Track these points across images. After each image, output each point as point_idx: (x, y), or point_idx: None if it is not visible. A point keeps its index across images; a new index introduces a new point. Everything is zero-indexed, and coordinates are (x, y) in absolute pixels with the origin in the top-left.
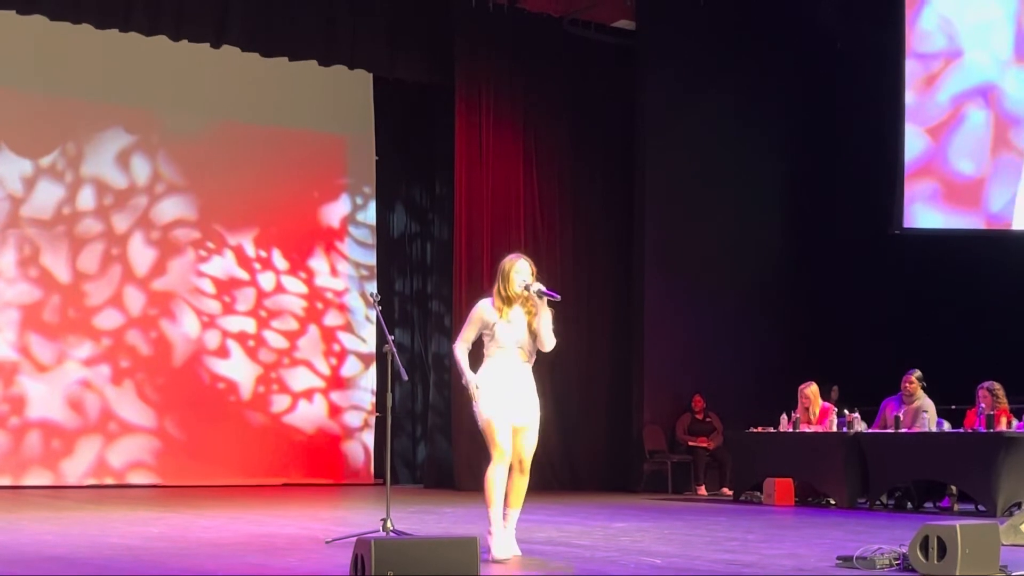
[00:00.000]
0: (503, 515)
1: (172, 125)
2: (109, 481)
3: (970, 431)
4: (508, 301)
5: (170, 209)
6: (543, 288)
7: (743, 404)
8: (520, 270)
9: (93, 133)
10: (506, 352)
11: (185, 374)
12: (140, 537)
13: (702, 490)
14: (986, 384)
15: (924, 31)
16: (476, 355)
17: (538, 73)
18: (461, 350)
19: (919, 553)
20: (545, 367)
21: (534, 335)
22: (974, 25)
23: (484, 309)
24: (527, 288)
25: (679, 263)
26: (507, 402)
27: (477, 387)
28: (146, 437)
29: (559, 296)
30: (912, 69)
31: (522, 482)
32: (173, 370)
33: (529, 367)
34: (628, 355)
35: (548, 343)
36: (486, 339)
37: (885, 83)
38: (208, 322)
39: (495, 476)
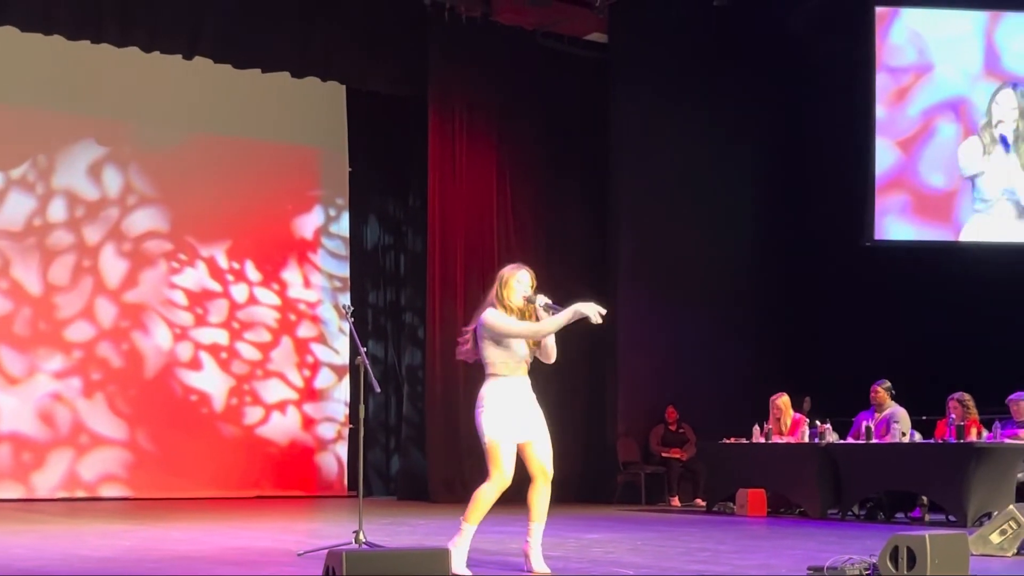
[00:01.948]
0: (527, 529)
1: (144, 137)
2: (81, 494)
3: (940, 442)
4: (510, 311)
5: (142, 221)
6: (549, 302)
7: (716, 415)
8: (521, 280)
9: (65, 145)
10: (513, 367)
11: (157, 386)
12: (112, 550)
13: (675, 501)
14: (956, 395)
15: (895, 45)
16: (478, 370)
17: (511, 86)
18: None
19: (889, 563)
20: None
21: (535, 346)
22: (944, 39)
23: (503, 315)
24: (529, 301)
25: (652, 275)
26: (515, 423)
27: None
28: (118, 450)
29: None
30: (883, 83)
31: (545, 491)
32: (145, 382)
33: (529, 380)
34: (602, 367)
35: (553, 356)
36: (497, 351)
37: (856, 97)
38: (180, 334)
39: (488, 496)
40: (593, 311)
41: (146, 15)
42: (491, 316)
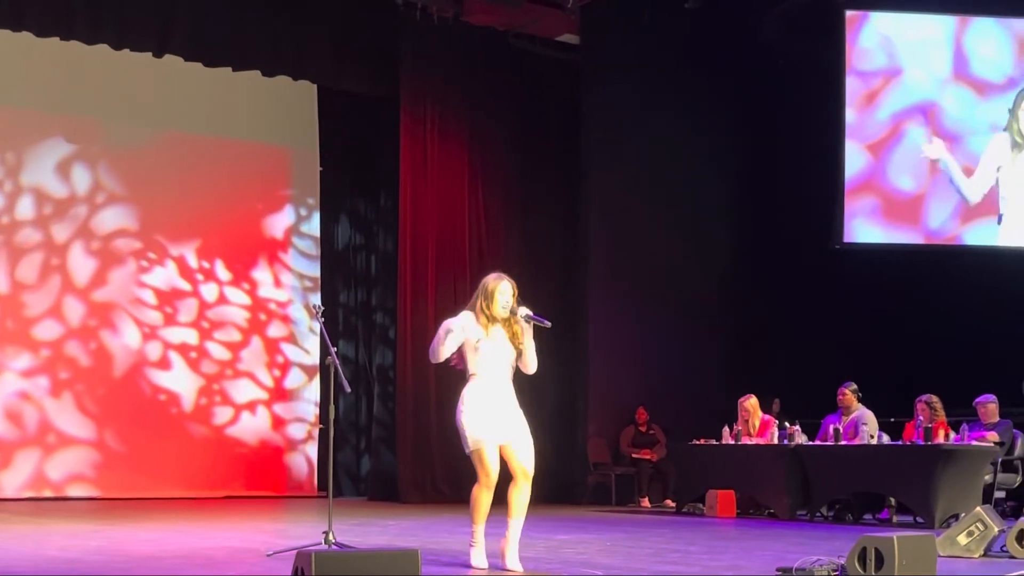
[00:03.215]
0: (506, 525)
1: (114, 135)
2: (48, 494)
3: (908, 443)
4: (492, 320)
5: (111, 219)
6: (531, 313)
7: (686, 417)
8: (504, 291)
9: (33, 142)
10: (491, 372)
11: (126, 385)
12: (79, 550)
13: (645, 502)
14: (924, 397)
15: (864, 49)
16: (449, 371)
17: (483, 86)
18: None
19: (857, 564)
20: None
21: (517, 354)
22: (913, 43)
23: (470, 321)
24: (512, 313)
25: (624, 276)
26: (495, 424)
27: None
28: (86, 449)
29: (549, 323)
30: (853, 86)
31: (525, 489)
32: (113, 381)
33: (511, 385)
34: (573, 368)
35: (533, 366)
36: (470, 355)
37: (826, 100)
38: (149, 333)
39: (481, 497)
40: (456, 324)
41: (116, 13)
42: (454, 319)
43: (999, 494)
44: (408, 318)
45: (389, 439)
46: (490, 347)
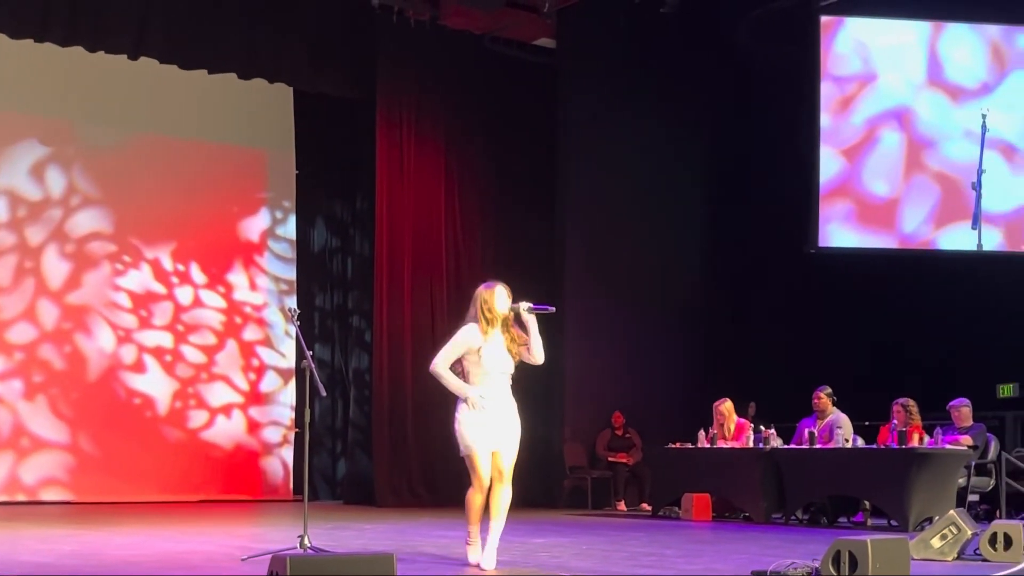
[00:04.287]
0: (487, 527)
1: (89, 137)
2: (21, 498)
3: (883, 447)
4: (492, 323)
5: (85, 222)
6: (532, 305)
7: (662, 420)
8: (500, 293)
9: (7, 145)
10: (490, 377)
11: (100, 389)
12: (53, 555)
13: (622, 505)
14: (900, 400)
15: (839, 54)
16: (425, 374)
17: (460, 90)
18: (444, 367)
19: (831, 567)
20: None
21: (514, 357)
22: (888, 49)
23: (471, 333)
24: (513, 309)
25: (600, 279)
26: (489, 431)
27: (482, 396)
28: (59, 453)
29: (552, 308)
30: (828, 91)
31: (503, 492)
32: (88, 385)
33: (510, 391)
34: (549, 371)
35: (541, 356)
36: (469, 365)
37: (802, 105)
38: (124, 336)
39: (474, 499)
40: (473, 398)
41: (91, 15)
42: (458, 333)
43: (973, 497)
44: (384, 321)
45: (365, 443)
46: (491, 352)
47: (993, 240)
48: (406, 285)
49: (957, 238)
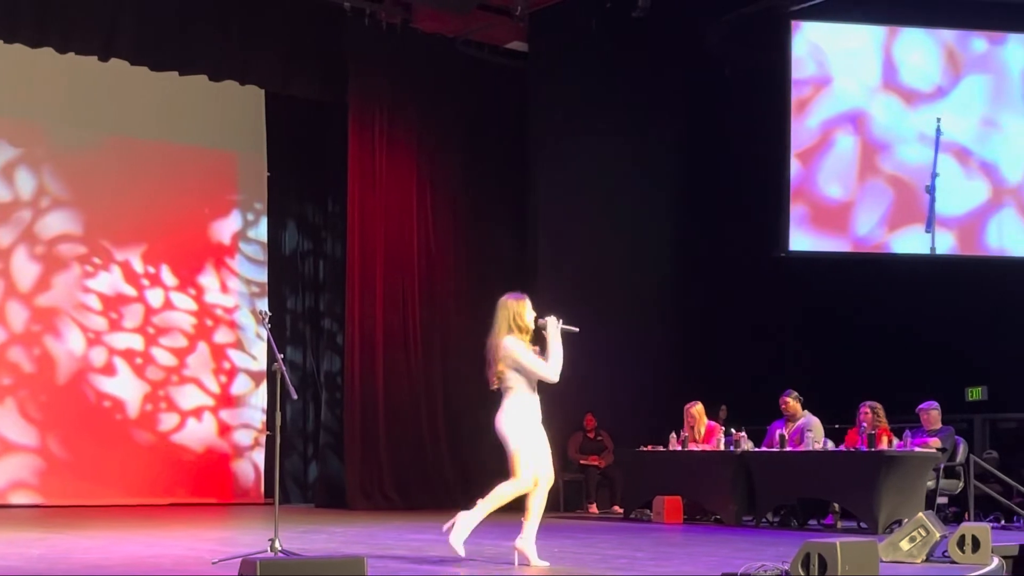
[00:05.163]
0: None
1: (58, 139)
2: None
3: (852, 450)
4: (524, 331)
5: (55, 224)
6: (561, 322)
7: (634, 423)
8: (529, 306)
9: None
10: (531, 387)
11: (70, 392)
12: (21, 559)
13: (593, 508)
14: (868, 403)
15: (796, 57)
16: (397, 378)
17: (432, 93)
18: (552, 367)
19: (801, 569)
20: (439, 385)
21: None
22: (843, 52)
23: (521, 344)
24: (543, 326)
25: (570, 282)
26: (535, 437)
27: (559, 319)
28: (28, 456)
29: (578, 328)
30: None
31: (544, 495)
32: (57, 387)
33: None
34: None
35: (558, 374)
36: (517, 375)
37: (765, 108)
38: (94, 339)
39: (507, 492)
40: (554, 327)
41: (61, 16)
42: (515, 348)
43: (941, 500)
44: (356, 324)
45: (336, 446)
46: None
47: (946, 243)
48: (378, 288)
49: (910, 241)
